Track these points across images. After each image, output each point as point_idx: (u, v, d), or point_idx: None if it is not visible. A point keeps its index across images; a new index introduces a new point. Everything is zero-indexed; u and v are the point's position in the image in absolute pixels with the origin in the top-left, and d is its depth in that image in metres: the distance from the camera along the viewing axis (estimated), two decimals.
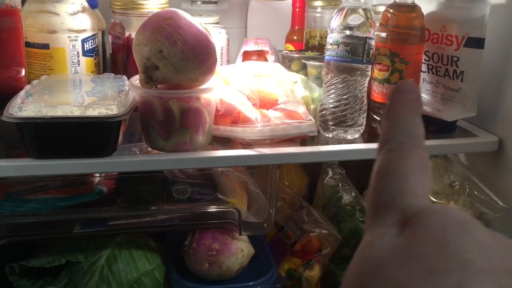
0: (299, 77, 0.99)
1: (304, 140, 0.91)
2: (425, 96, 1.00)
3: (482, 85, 0.94)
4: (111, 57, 1.05)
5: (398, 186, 0.27)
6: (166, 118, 0.80)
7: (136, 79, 0.82)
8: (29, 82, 0.86)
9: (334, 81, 0.91)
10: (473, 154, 1.03)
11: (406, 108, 0.30)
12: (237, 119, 0.89)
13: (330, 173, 1.10)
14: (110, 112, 0.75)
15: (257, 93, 0.90)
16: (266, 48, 1.15)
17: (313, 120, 0.86)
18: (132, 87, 0.81)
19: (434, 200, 0.98)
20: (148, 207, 0.88)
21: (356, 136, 0.93)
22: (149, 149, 0.83)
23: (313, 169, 1.15)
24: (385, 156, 0.28)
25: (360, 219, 1.02)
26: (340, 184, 1.07)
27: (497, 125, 0.95)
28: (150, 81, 0.79)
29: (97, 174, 0.90)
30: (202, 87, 0.82)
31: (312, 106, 0.95)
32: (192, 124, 0.82)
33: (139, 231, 0.92)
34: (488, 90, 0.96)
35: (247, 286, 0.91)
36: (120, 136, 0.81)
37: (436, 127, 0.97)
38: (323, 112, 0.93)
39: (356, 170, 1.16)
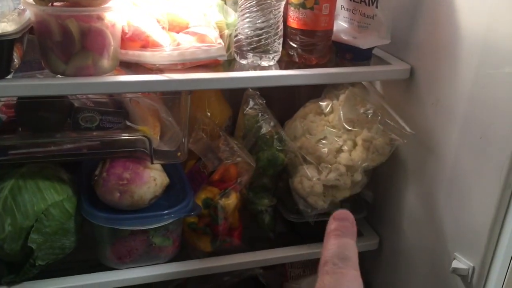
0: (215, 1, 0.95)
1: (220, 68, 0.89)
2: (342, 23, 0.99)
3: (396, 15, 0.94)
4: None
5: None
6: (65, 39, 0.75)
7: None
8: None
9: (249, 5, 0.87)
10: (388, 83, 1.05)
11: (340, 234, 0.37)
12: (146, 43, 0.84)
13: (251, 103, 1.09)
14: None
15: (167, 16, 0.85)
16: None
17: (223, 44, 0.83)
18: (25, 4, 0.75)
19: (349, 128, 0.99)
20: (52, 135, 0.84)
21: (272, 63, 0.91)
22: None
23: (237, 101, 1.13)
24: (321, 279, 0.35)
25: (278, 148, 1.02)
26: (260, 114, 1.06)
27: (409, 53, 0.96)
28: None
29: None
30: (105, 6, 0.77)
31: (226, 31, 0.91)
32: (95, 46, 0.77)
33: (45, 161, 0.88)
34: (402, 19, 0.96)
35: (161, 215, 0.90)
36: (15, 59, 0.76)
37: (353, 55, 0.97)
38: (238, 38, 0.90)
39: (277, 100, 1.16)
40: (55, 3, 0.75)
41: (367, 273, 1.19)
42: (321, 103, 1.06)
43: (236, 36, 0.90)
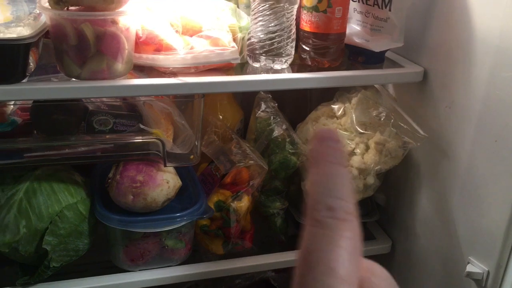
0: (228, 4, 0.95)
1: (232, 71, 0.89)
2: (355, 26, 0.99)
3: (409, 17, 0.94)
4: None
5: (325, 282, 0.25)
6: (80, 43, 0.75)
7: (46, 0, 0.76)
8: None
9: (261, 8, 0.88)
10: (400, 86, 1.05)
11: (329, 161, 0.27)
12: (160, 47, 0.85)
13: (263, 106, 1.09)
14: (14, 35, 0.70)
15: (180, 20, 0.86)
16: None
17: (236, 47, 0.83)
18: (41, 9, 0.76)
19: (362, 131, 0.99)
20: (66, 138, 0.84)
21: (284, 66, 0.91)
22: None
23: (249, 104, 1.14)
24: (311, 233, 0.26)
25: (290, 151, 1.02)
26: (272, 117, 1.06)
27: (423, 56, 0.96)
28: (60, 2, 0.74)
29: (11, 104, 0.85)
30: (119, 10, 0.77)
31: (239, 35, 0.91)
32: (109, 50, 0.78)
33: (60, 163, 0.89)
34: (415, 21, 0.96)
35: (173, 217, 0.91)
36: (30, 63, 0.76)
37: (365, 58, 0.97)
38: (251, 41, 0.90)
39: (289, 103, 1.16)
40: (70, 8, 0.76)
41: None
42: (333, 106, 1.06)
43: (248, 39, 0.91)
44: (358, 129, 0.99)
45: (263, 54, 0.89)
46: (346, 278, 0.25)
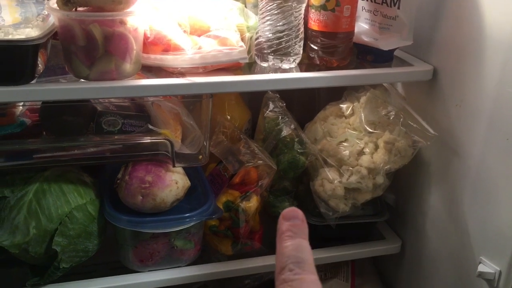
0: (236, 4, 0.95)
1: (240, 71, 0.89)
2: (363, 25, 0.98)
3: (418, 15, 0.93)
4: None
5: None
6: (88, 43, 0.75)
7: (54, 2, 0.76)
8: None
9: (269, 8, 0.87)
10: (409, 84, 1.04)
11: (292, 234, 0.36)
12: (168, 47, 0.85)
13: (271, 106, 1.08)
14: (23, 36, 0.70)
15: (188, 20, 0.86)
16: None
17: (244, 46, 0.83)
18: (49, 10, 0.76)
19: (371, 130, 0.98)
20: (75, 138, 0.85)
21: (293, 65, 0.91)
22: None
23: (257, 104, 1.13)
24: None
25: (299, 150, 1.01)
26: (280, 117, 1.06)
27: (432, 54, 0.95)
28: (68, 3, 0.74)
29: (20, 105, 0.85)
30: (127, 10, 0.77)
31: (247, 34, 0.91)
32: (117, 50, 0.78)
33: (69, 164, 0.89)
34: (424, 19, 0.95)
35: (182, 218, 0.91)
36: (39, 64, 0.77)
37: (374, 57, 0.97)
38: (259, 41, 0.90)
39: (297, 103, 1.16)
40: (78, 8, 0.76)
41: (389, 276, 1.18)
42: (341, 105, 1.05)
43: (256, 39, 0.90)
44: (367, 128, 0.98)
45: (271, 54, 0.89)
46: None
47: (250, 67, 0.92)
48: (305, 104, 1.18)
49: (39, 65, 0.77)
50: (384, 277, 1.21)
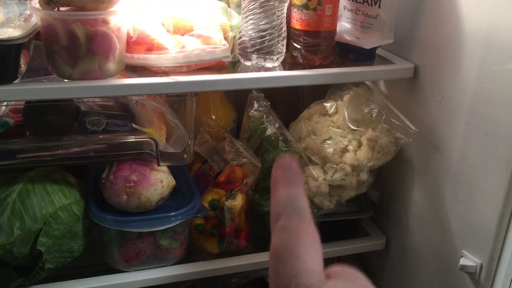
0: (219, 4, 0.95)
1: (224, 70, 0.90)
2: (345, 24, 1.00)
3: (399, 14, 0.95)
4: None
5: (294, 267, 0.30)
6: (71, 43, 0.76)
7: (36, 1, 0.76)
8: None
9: (252, 7, 0.88)
10: (391, 82, 1.05)
11: (287, 183, 0.34)
12: (152, 46, 0.85)
13: (256, 105, 1.09)
14: (5, 36, 0.70)
15: (171, 19, 0.86)
16: None
17: (227, 45, 0.84)
18: (31, 9, 0.76)
19: (354, 128, 1.00)
20: (59, 138, 0.84)
21: (276, 64, 0.92)
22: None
23: (242, 104, 1.14)
24: (277, 236, 0.32)
25: (283, 149, 1.02)
26: (264, 116, 1.07)
27: (413, 52, 0.97)
28: (50, 2, 0.74)
29: (3, 105, 0.85)
30: (110, 10, 0.77)
31: (230, 34, 0.92)
32: (100, 50, 0.78)
33: (53, 164, 0.88)
34: (404, 18, 0.97)
35: (168, 217, 0.91)
36: (21, 65, 0.77)
37: (356, 55, 0.98)
38: (242, 40, 0.91)
39: (281, 102, 1.16)
40: (61, 8, 0.76)
41: (374, 273, 1.19)
42: (325, 104, 1.06)
43: (240, 38, 0.91)
44: (351, 126, 1.00)
45: (255, 53, 0.90)
46: (310, 263, 0.30)
47: (233, 66, 0.92)
48: (289, 103, 1.19)
49: (22, 66, 0.77)
50: (369, 273, 1.22)
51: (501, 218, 0.80)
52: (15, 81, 0.75)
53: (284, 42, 0.92)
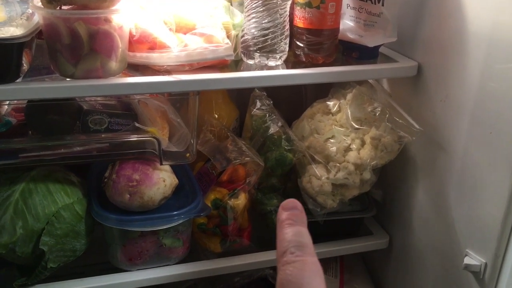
0: (221, 2, 0.95)
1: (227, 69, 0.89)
2: (348, 22, 0.99)
3: (402, 12, 0.94)
4: None
5: None
6: (73, 41, 0.75)
7: (38, 0, 0.76)
8: None
9: (254, 5, 0.88)
10: (395, 80, 1.05)
11: (292, 222, 0.38)
12: (154, 45, 0.85)
13: (258, 104, 1.09)
14: (7, 35, 0.70)
15: (173, 18, 0.86)
16: None
17: (230, 44, 0.83)
18: (34, 8, 0.76)
19: (357, 126, 0.99)
20: (61, 138, 0.84)
21: (279, 62, 0.91)
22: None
23: (244, 103, 1.14)
24: (283, 270, 0.35)
25: (286, 148, 1.02)
26: (267, 115, 1.06)
27: (416, 51, 0.96)
28: (52, 1, 0.74)
29: (5, 104, 0.85)
30: (112, 8, 0.77)
31: (233, 32, 0.92)
32: (103, 48, 0.78)
33: (55, 163, 0.88)
34: (408, 16, 0.97)
35: (170, 216, 0.91)
36: (24, 64, 0.76)
37: (359, 53, 0.97)
38: (245, 38, 0.90)
39: (284, 101, 1.16)
40: (63, 7, 0.76)
41: (377, 271, 1.18)
42: (328, 102, 1.06)
43: (242, 36, 0.91)
44: (354, 124, 0.99)
45: (257, 51, 0.90)
46: None
47: (236, 65, 0.92)
48: (292, 102, 1.19)
49: (24, 65, 0.76)
50: (372, 272, 1.22)
51: (506, 216, 0.80)
52: (17, 80, 0.75)
53: (287, 40, 0.91)
